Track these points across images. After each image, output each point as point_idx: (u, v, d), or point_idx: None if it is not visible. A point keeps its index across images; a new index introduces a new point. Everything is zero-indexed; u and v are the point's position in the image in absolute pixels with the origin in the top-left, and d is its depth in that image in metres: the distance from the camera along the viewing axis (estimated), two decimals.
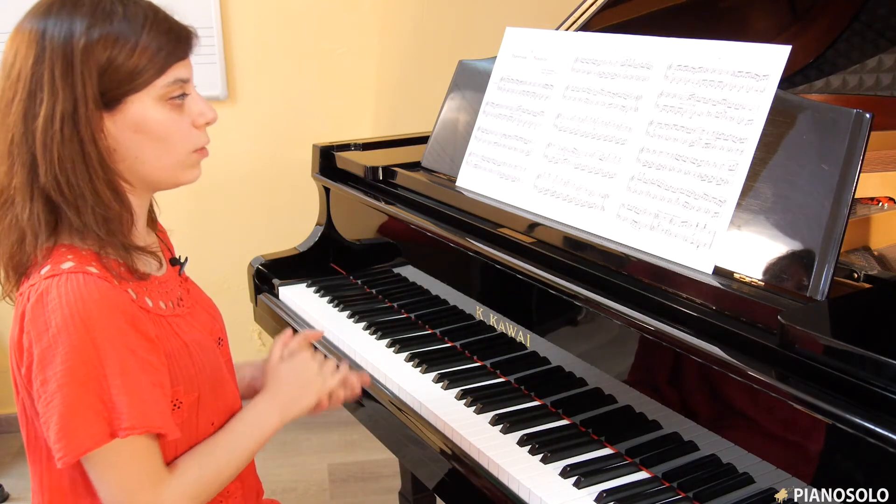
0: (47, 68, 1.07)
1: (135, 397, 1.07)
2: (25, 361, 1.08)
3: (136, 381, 1.08)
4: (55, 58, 1.07)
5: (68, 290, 1.06)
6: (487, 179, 1.64)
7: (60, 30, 1.07)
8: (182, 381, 1.18)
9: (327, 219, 2.11)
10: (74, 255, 1.10)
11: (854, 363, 0.96)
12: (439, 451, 1.36)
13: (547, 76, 1.58)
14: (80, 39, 1.07)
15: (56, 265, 1.09)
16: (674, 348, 1.17)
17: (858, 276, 1.21)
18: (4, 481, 2.81)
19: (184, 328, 1.21)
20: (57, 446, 1.06)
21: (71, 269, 1.08)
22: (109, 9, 1.09)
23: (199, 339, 1.22)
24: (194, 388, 1.20)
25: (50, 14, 1.09)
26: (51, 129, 1.07)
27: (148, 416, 1.08)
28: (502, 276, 1.49)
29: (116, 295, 1.09)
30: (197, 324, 1.25)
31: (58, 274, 1.08)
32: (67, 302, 1.06)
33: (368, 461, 2.94)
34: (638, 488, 1.18)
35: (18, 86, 1.08)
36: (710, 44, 1.31)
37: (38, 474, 1.19)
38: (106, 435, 1.06)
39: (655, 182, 1.31)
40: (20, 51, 1.09)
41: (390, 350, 1.65)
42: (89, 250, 1.12)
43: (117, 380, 1.06)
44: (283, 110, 3.06)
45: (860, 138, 1.11)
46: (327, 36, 3.04)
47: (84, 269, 1.08)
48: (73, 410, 1.05)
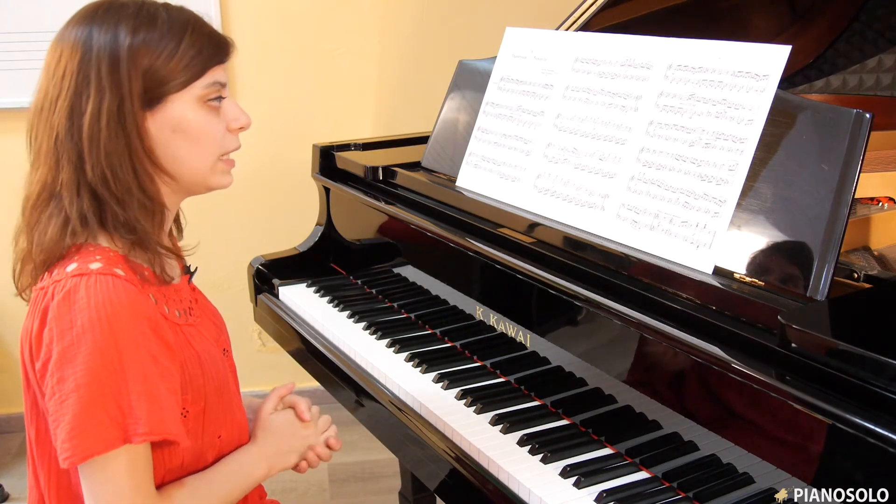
0: (94, 67, 1.10)
1: (153, 403, 1.08)
2: (43, 357, 1.08)
3: (155, 388, 1.09)
4: (102, 57, 1.10)
5: (97, 291, 1.07)
6: (487, 179, 1.64)
7: (106, 32, 1.11)
8: (191, 391, 1.18)
9: (327, 219, 2.11)
10: (103, 255, 1.12)
11: (854, 363, 0.96)
12: (439, 451, 1.36)
13: (547, 76, 1.58)
14: (126, 40, 1.11)
15: (84, 264, 1.10)
16: (674, 348, 1.17)
17: (858, 276, 1.21)
18: (4, 481, 2.81)
19: (195, 338, 1.22)
20: (65, 446, 1.05)
21: (100, 271, 1.09)
22: (153, 13, 1.14)
23: (208, 349, 1.23)
24: (201, 398, 1.20)
25: (95, 19, 1.13)
26: (97, 124, 1.10)
27: (165, 422, 1.09)
28: (502, 276, 1.49)
29: (142, 300, 1.11)
30: (206, 334, 1.26)
31: (86, 273, 1.09)
32: (96, 303, 1.06)
33: (368, 461, 2.94)
34: (638, 488, 1.18)
35: (63, 84, 1.11)
36: (710, 44, 1.31)
37: (46, 472, 1.19)
38: (118, 440, 1.06)
39: (655, 182, 1.31)
40: (65, 53, 1.12)
41: (390, 350, 1.65)
42: (117, 252, 1.13)
43: (139, 385, 1.07)
44: (282, 110, 3.06)
45: (860, 138, 1.11)
46: (327, 36, 3.04)
47: (112, 272, 1.09)
48: (89, 412, 1.05)
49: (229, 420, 1.27)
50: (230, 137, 1.21)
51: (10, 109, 2.78)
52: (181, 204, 1.28)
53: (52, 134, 1.12)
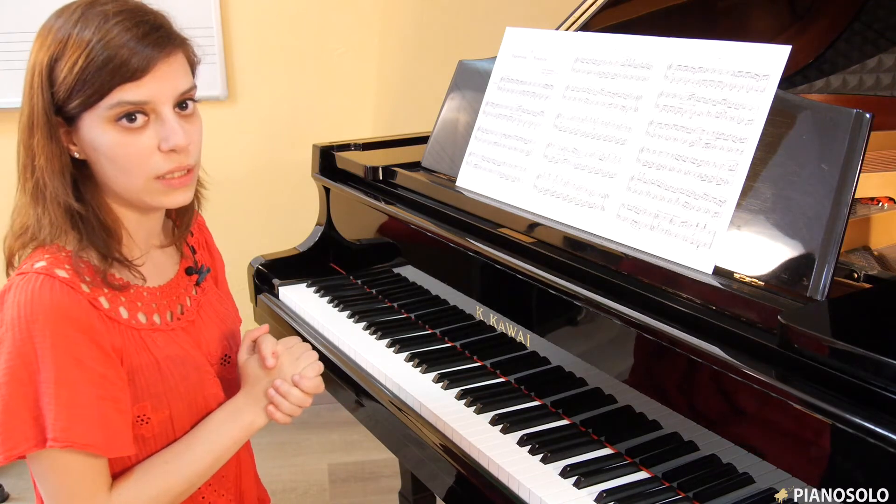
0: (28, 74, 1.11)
1: (64, 410, 1.05)
2: None
3: (71, 394, 1.06)
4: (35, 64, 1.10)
5: (25, 290, 1.07)
6: (487, 179, 1.64)
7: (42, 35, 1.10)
8: (149, 397, 1.15)
9: (327, 219, 2.11)
10: (51, 255, 1.10)
11: (854, 363, 0.96)
12: (439, 452, 1.36)
13: (547, 76, 1.58)
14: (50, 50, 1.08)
15: (31, 262, 1.10)
16: (674, 348, 1.17)
17: (858, 276, 1.21)
18: (4, 481, 2.81)
19: (160, 343, 1.18)
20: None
21: (39, 270, 1.08)
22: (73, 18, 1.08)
23: (177, 355, 1.19)
24: (163, 405, 1.17)
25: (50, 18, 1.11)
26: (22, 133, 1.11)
27: (74, 431, 1.06)
28: (502, 276, 1.49)
29: (71, 303, 1.07)
30: (189, 339, 1.23)
31: (26, 272, 1.09)
32: (19, 302, 1.06)
33: (368, 461, 2.94)
34: (638, 488, 1.18)
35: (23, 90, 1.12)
36: (710, 44, 1.31)
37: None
38: (40, 441, 1.05)
39: (655, 182, 1.31)
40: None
41: (390, 350, 1.65)
42: (68, 252, 1.11)
43: (50, 388, 1.05)
44: (283, 110, 3.07)
45: (860, 138, 1.11)
46: (327, 36, 3.04)
47: (50, 272, 1.08)
48: (10, 410, 1.05)
49: None
50: (160, 158, 1.10)
51: (10, 109, 2.78)
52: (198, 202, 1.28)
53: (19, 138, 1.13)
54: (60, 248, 1.12)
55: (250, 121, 3.01)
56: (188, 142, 1.12)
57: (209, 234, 1.44)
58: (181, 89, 1.12)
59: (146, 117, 1.09)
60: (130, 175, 1.11)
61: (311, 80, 3.06)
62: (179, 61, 1.13)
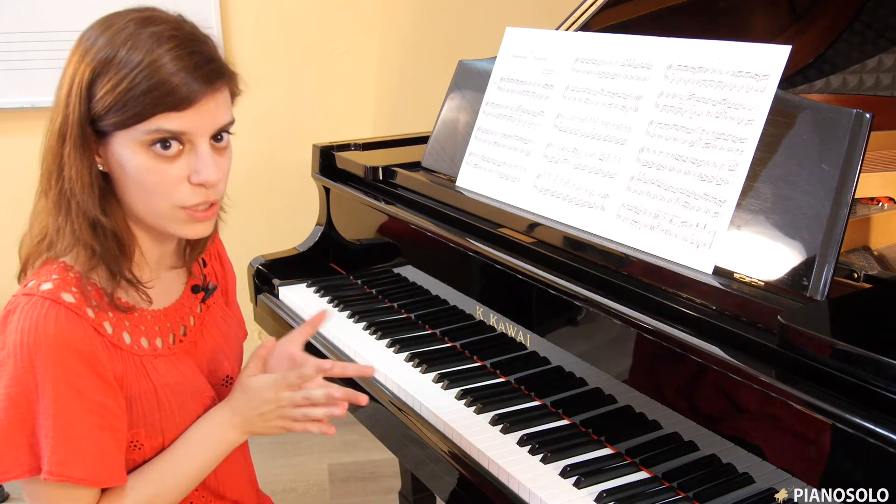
0: (66, 83, 1.07)
1: (61, 444, 1.05)
2: None
3: (69, 425, 1.05)
4: (74, 75, 1.06)
5: (29, 316, 1.05)
6: (487, 179, 1.64)
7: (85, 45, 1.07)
8: (143, 425, 1.14)
9: (327, 219, 2.11)
10: (60, 275, 1.09)
11: (854, 363, 0.96)
12: (439, 452, 1.36)
13: (547, 76, 1.58)
14: (88, 57, 1.05)
15: (38, 283, 1.08)
16: (674, 348, 1.17)
17: (858, 276, 1.21)
18: None
19: (160, 370, 1.16)
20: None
21: (45, 294, 1.06)
22: (127, 36, 1.05)
23: (175, 382, 1.17)
24: (157, 433, 1.16)
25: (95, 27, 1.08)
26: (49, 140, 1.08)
27: (69, 465, 1.05)
28: (502, 276, 1.49)
29: (75, 331, 1.06)
30: (191, 362, 1.21)
31: (32, 294, 1.06)
32: (24, 329, 1.04)
33: (368, 461, 2.94)
34: (638, 488, 1.18)
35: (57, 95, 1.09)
36: (709, 44, 1.31)
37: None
38: (34, 468, 1.05)
39: (655, 182, 1.31)
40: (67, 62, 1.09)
41: (390, 350, 1.65)
42: (77, 272, 1.09)
43: (48, 420, 1.04)
44: (283, 110, 3.06)
45: (860, 138, 1.11)
46: (327, 36, 3.04)
47: (57, 297, 1.06)
48: (6, 436, 1.04)
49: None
50: (188, 190, 1.08)
51: (10, 109, 2.78)
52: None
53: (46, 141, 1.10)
54: (69, 268, 1.10)
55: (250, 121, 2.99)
56: (219, 178, 1.10)
57: (222, 245, 1.42)
58: (221, 123, 1.11)
59: (181, 147, 1.07)
60: (155, 200, 1.09)
61: (311, 80, 3.06)
62: (224, 96, 1.12)
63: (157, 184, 1.07)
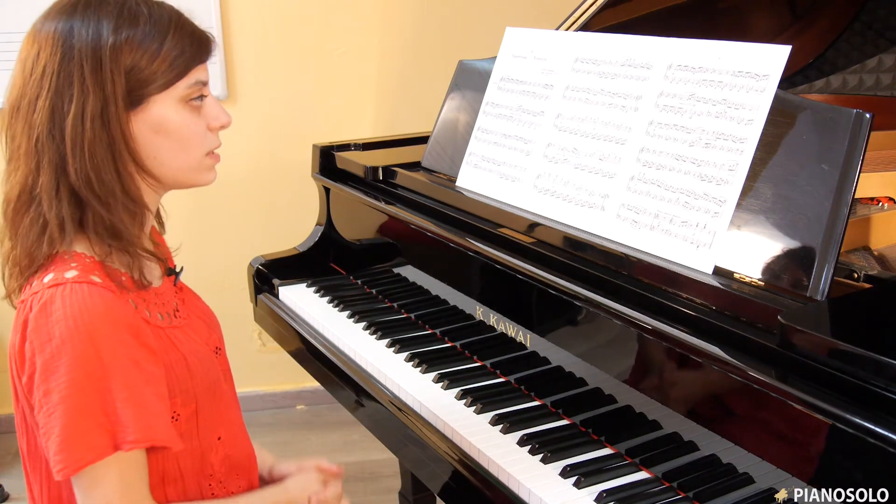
0: (76, 67, 1.07)
1: (140, 410, 1.07)
2: (27, 371, 1.07)
3: (140, 394, 1.07)
4: (84, 56, 1.07)
5: (73, 300, 1.05)
6: (487, 179, 1.64)
7: (88, 29, 1.08)
8: (179, 393, 1.17)
9: (327, 219, 2.11)
10: (79, 262, 1.10)
11: (854, 363, 0.96)
12: (439, 452, 1.36)
13: (547, 76, 1.58)
14: (109, 39, 1.08)
15: (60, 273, 1.08)
16: (674, 348, 1.17)
17: (858, 276, 1.21)
18: (4, 481, 2.81)
19: (181, 339, 1.20)
20: (57, 458, 1.04)
21: (75, 279, 1.07)
22: (136, 10, 1.11)
23: (196, 350, 1.21)
24: (191, 400, 1.19)
25: (75, 14, 1.09)
26: (81, 126, 1.07)
27: (152, 428, 1.08)
28: (502, 276, 1.49)
29: (120, 306, 1.09)
30: (194, 335, 1.24)
31: (62, 283, 1.07)
32: (72, 313, 1.05)
33: (368, 461, 2.93)
34: (638, 488, 1.18)
35: (43, 83, 1.08)
36: (710, 44, 1.31)
37: (39, 484, 1.18)
38: (109, 447, 1.05)
39: (655, 182, 1.31)
40: (44, 49, 1.09)
41: (390, 350, 1.65)
42: (93, 258, 1.11)
43: (122, 392, 1.06)
44: (283, 110, 3.06)
45: (860, 138, 1.11)
46: (327, 36, 3.04)
47: (88, 279, 1.08)
48: (76, 422, 1.04)
49: (226, 420, 1.25)
50: (211, 136, 1.19)
51: None
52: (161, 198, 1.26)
53: (31, 134, 1.09)
54: (84, 256, 1.11)
55: (250, 120, 3.00)
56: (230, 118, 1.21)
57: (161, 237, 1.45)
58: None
59: (203, 97, 1.17)
60: (190, 153, 1.17)
61: (311, 80, 3.06)
62: None
63: (194, 134, 1.16)
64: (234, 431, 1.28)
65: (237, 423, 1.29)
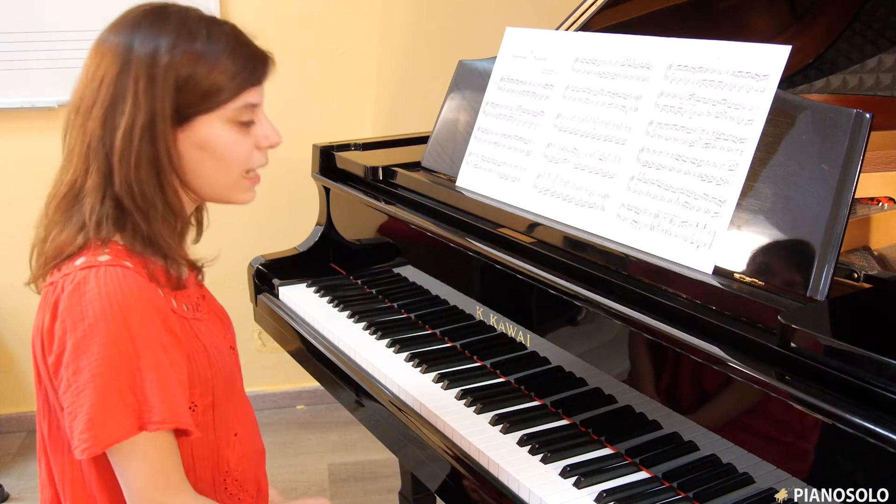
0: (131, 80, 1.10)
1: (166, 392, 1.09)
2: (56, 350, 1.09)
3: (166, 376, 1.10)
4: (140, 71, 1.10)
5: (108, 281, 1.08)
6: (487, 179, 1.64)
7: (146, 45, 1.11)
8: (199, 384, 1.19)
9: (327, 219, 2.11)
10: (111, 248, 1.13)
11: (854, 363, 0.96)
12: (439, 452, 1.36)
13: (547, 76, 1.58)
14: (165, 56, 1.11)
15: (93, 257, 1.11)
16: (674, 348, 1.17)
17: (858, 276, 1.21)
18: (4, 481, 2.81)
19: (203, 331, 1.22)
20: (84, 436, 1.06)
21: (108, 262, 1.10)
22: (194, 29, 1.13)
23: (215, 342, 1.24)
24: (209, 392, 1.21)
25: (138, 29, 1.12)
26: (129, 139, 1.11)
27: (177, 411, 1.10)
28: (502, 276, 1.49)
29: (152, 290, 1.12)
30: (213, 329, 1.27)
31: (95, 265, 1.10)
32: (107, 293, 1.07)
33: (368, 461, 2.94)
34: (638, 488, 1.18)
35: (100, 93, 1.11)
36: (710, 44, 1.31)
37: (61, 467, 1.19)
38: (135, 427, 1.07)
39: (655, 182, 1.31)
40: (105, 60, 1.12)
41: (390, 350, 1.65)
42: (123, 246, 1.14)
43: (151, 373, 1.08)
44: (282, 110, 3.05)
45: (860, 138, 1.11)
46: (327, 36, 3.04)
47: (121, 263, 1.10)
48: (106, 401, 1.06)
49: (241, 415, 1.28)
50: (257, 155, 1.21)
51: (10, 109, 2.78)
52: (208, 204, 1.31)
53: (84, 139, 1.13)
54: (116, 244, 1.14)
55: None
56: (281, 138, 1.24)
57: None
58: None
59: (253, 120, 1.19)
60: (230, 170, 1.19)
61: (311, 80, 3.06)
62: None
63: (238, 153, 1.18)
64: (249, 428, 1.30)
65: (251, 420, 1.31)
